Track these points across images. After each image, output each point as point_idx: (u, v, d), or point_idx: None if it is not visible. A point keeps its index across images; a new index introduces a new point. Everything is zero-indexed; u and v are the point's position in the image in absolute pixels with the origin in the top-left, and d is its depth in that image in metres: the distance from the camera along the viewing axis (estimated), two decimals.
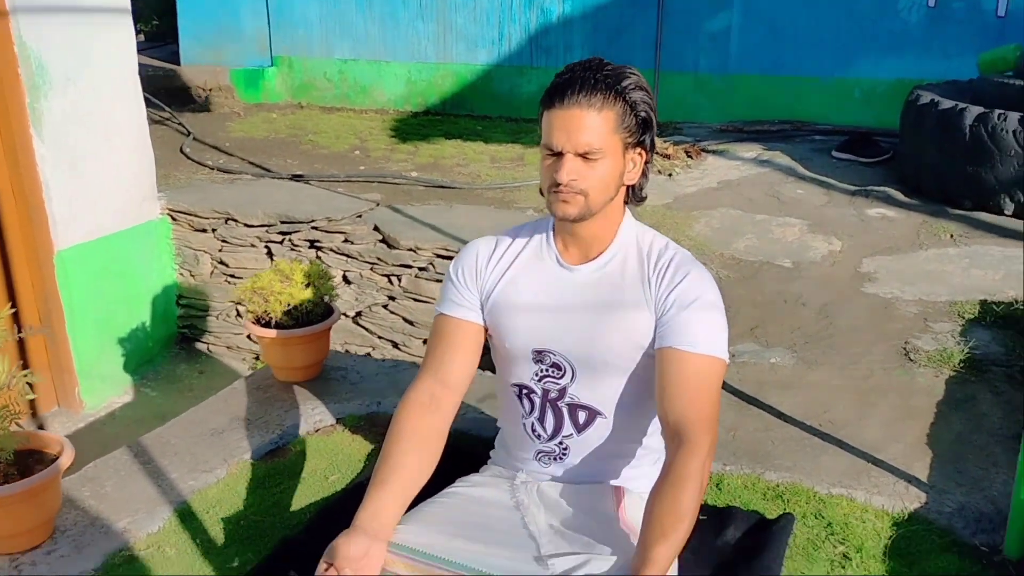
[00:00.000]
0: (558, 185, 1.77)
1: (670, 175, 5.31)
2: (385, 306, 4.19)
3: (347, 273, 4.30)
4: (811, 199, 4.86)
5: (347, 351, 4.14)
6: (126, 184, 4.28)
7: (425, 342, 4.13)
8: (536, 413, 1.95)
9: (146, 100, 6.18)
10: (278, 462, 2.53)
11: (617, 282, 1.87)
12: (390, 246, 4.18)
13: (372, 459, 2.52)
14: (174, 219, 4.59)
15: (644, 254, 1.89)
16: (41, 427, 3.96)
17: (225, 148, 6.22)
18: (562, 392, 1.91)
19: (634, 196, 1.92)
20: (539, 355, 1.90)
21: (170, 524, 2.25)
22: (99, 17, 4.03)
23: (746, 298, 3.63)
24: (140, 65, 4.23)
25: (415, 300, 4.12)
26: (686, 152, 5.61)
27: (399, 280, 4.15)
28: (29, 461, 2.19)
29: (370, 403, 2.82)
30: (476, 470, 2.11)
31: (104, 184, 4.13)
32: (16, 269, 3.88)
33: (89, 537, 2.18)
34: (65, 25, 3.87)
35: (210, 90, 7.92)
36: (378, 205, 4.68)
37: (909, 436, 2.58)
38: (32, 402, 4.01)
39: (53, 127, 3.85)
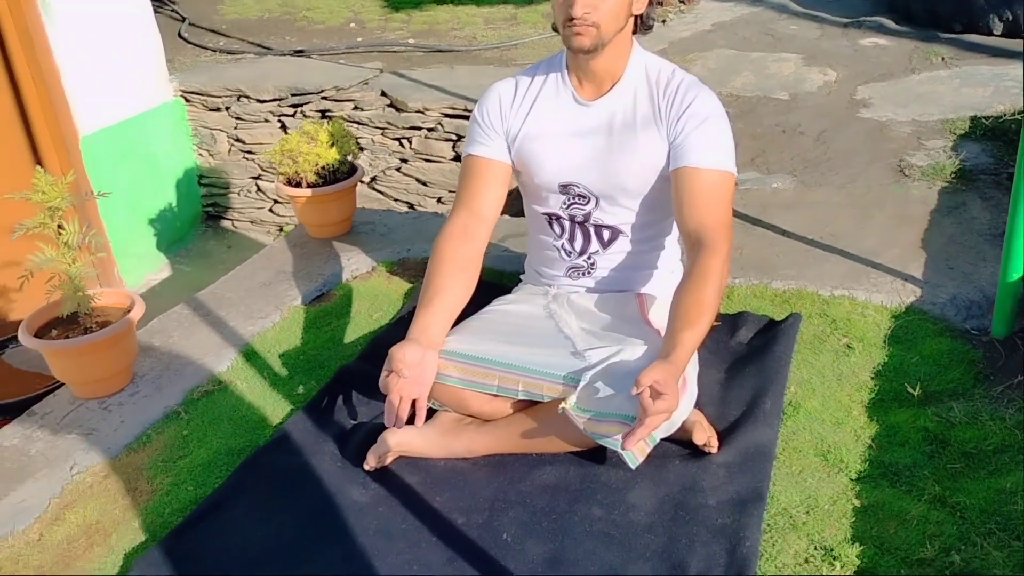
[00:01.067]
0: (572, 19, 1.92)
1: (664, 21, 5.37)
2: (398, 169, 4.35)
3: (359, 140, 4.44)
4: (805, 33, 4.94)
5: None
6: (138, 68, 4.38)
7: (440, 200, 4.31)
8: (566, 235, 2.16)
9: None
10: (325, 306, 2.76)
11: (630, 112, 2.04)
12: (398, 110, 4.30)
13: (410, 296, 2.74)
14: (187, 100, 4.70)
15: (653, 83, 2.05)
16: None
17: (222, 30, 6.24)
18: (587, 216, 2.11)
19: (642, 25, 2.06)
20: (564, 187, 2.09)
21: (237, 363, 2.48)
22: None
23: (746, 131, 3.79)
24: None
25: (426, 160, 4.28)
26: None
27: (410, 143, 4.30)
28: (103, 316, 2.41)
29: (400, 250, 3.02)
30: (508, 292, 2.34)
31: (117, 69, 4.23)
32: (45, 156, 4.04)
33: (166, 379, 2.42)
34: None
35: None
36: (382, 72, 4.78)
37: (904, 241, 2.78)
38: None
39: (63, 15, 3.93)
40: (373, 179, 4.47)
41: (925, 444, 1.92)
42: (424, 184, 4.32)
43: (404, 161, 4.35)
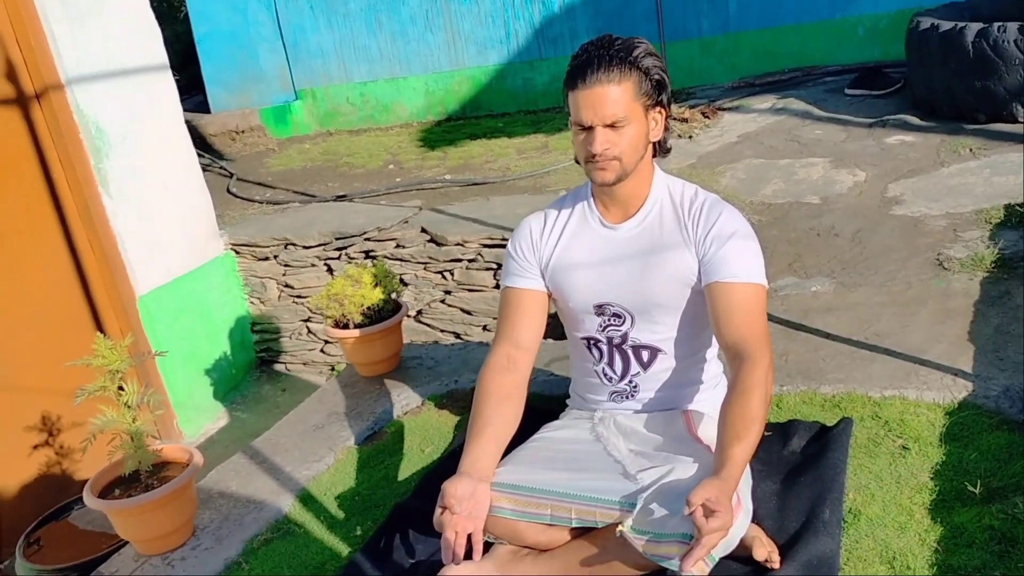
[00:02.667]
0: (594, 156, 2.01)
1: (690, 137, 5.51)
2: (443, 301, 4.45)
3: (403, 276, 4.57)
4: (830, 137, 5.03)
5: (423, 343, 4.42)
6: (189, 226, 4.59)
7: (485, 328, 4.38)
8: (605, 359, 2.19)
9: None
10: (377, 444, 2.80)
11: (657, 232, 2.10)
12: (439, 244, 4.44)
13: (460, 428, 2.77)
14: (237, 252, 4.89)
15: (678, 203, 2.12)
16: None
17: (268, 182, 6.53)
18: (624, 337, 2.15)
19: (660, 149, 2.15)
20: (599, 308, 2.14)
21: (294, 509, 2.51)
22: (142, 76, 4.34)
23: (780, 237, 3.83)
24: None
25: (469, 291, 4.38)
26: (702, 113, 5.80)
27: (452, 275, 4.41)
28: (165, 471, 2.48)
29: (448, 382, 3.07)
30: (555, 418, 2.36)
31: (170, 229, 4.45)
32: (104, 318, 4.21)
33: (226, 530, 2.46)
34: (114, 87, 4.19)
35: (242, 132, 8.26)
36: (421, 209, 4.95)
37: (951, 335, 2.76)
38: None
39: (118, 183, 4.17)
40: (419, 312, 4.57)
41: (993, 543, 1.87)
42: (468, 313, 4.41)
43: (448, 293, 4.46)
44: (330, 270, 4.75)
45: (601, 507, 1.88)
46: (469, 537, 1.90)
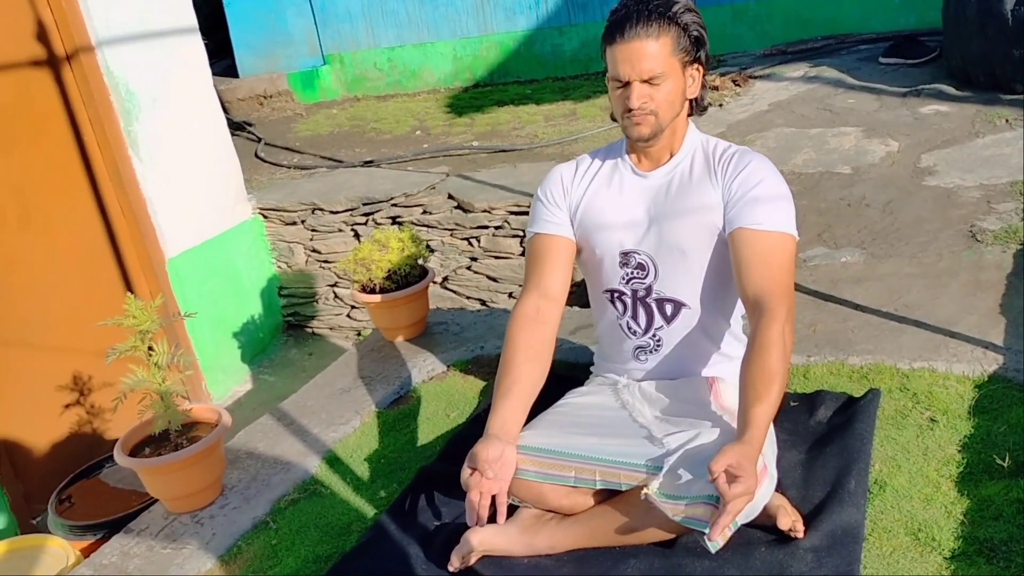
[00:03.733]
0: (631, 110, 2.00)
1: (720, 105, 5.44)
2: (469, 267, 4.46)
3: (429, 242, 4.57)
4: (863, 106, 4.95)
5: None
6: (218, 190, 4.62)
7: (510, 295, 4.38)
8: (629, 312, 2.17)
9: None
10: (403, 408, 2.82)
11: (686, 178, 2.09)
12: (465, 211, 4.43)
13: (485, 394, 2.78)
14: (265, 216, 4.92)
15: (709, 152, 2.10)
16: None
17: (296, 147, 6.53)
18: (648, 289, 2.13)
19: (697, 107, 2.13)
20: (625, 257, 2.12)
21: (320, 470, 2.54)
22: (172, 39, 4.34)
23: (810, 207, 3.79)
24: None
25: (495, 258, 4.38)
26: (733, 81, 5.73)
27: (478, 241, 4.41)
28: (194, 431, 2.51)
29: (474, 348, 3.08)
30: (581, 384, 2.36)
31: (198, 193, 4.47)
32: (134, 279, 4.25)
33: (254, 490, 2.49)
34: (144, 50, 4.19)
35: (270, 96, 8.26)
36: (448, 176, 4.94)
37: (982, 307, 2.72)
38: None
39: (148, 147, 4.19)
40: (445, 279, 4.58)
41: (1020, 516, 1.86)
42: (495, 280, 4.41)
43: (474, 260, 4.46)
44: (357, 235, 4.76)
45: (625, 470, 1.88)
46: (493, 500, 1.92)
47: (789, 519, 1.89)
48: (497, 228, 4.36)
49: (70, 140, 3.99)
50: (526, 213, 4.24)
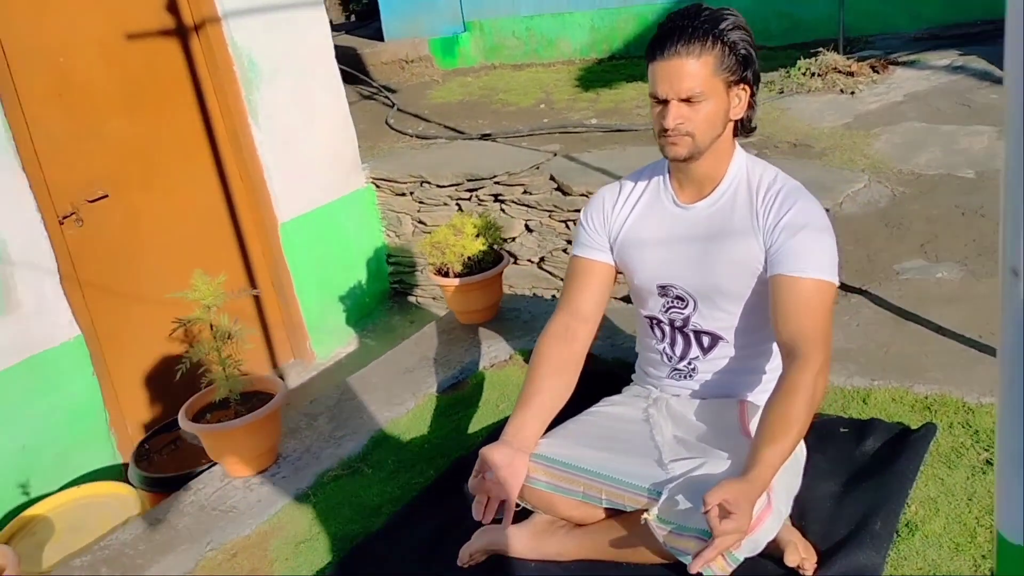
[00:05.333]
0: (666, 130, 1.95)
1: (852, 93, 5.16)
2: (564, 250, 4.45)
3: (528, 222, 4.60)
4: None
5: (534, 294, 4.46)
6: (332, 159, 4.79)
7: None
8: (667, 340, 2.15)
9: (356, 77, 6.77)
10: (457, 394, 2.88)
11: (728, 215, 2.02)
12: (565, 193, 4.42)
13: None
14: (377, 186, 5.07)
15: (754, 187, 2.02)
16: (281, 376, 4.58)
17: (424, 115, 6.67)
18: (686, 321, 2.10)
19: (743, 129, 2.05)
20: (663, 289, 2.09)
21: (367, 448, 2.64)
22: (295, 11, 4.51)
23: (919, 213, 3.57)
24: (348, 46, 4.57)
25: None
26: (871, 67, 5.41)
27: (574, 224, 4.39)
28: (254, 400, 2.66)
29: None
30: (619, 389, 2.34)
31: (313, 161, 4.65)
32: (249, 242, 4.49)
33: (304, 462, 2.62)
34: (267, 22, 4.37)
35: (411, 61, 8.45)
36: (555, 155, 4.93)
37: None
38: (272, 354, 4.64)
39: (266, 115, 4.39)
40: (542, 259, 4.60)
41: None
42: None
43: (569, 243, 4.45)
44: (460, 210, 4.83)
45: (630, 492, 1.88)
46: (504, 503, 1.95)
47: (798, 556, 1.84)
48: None
49: (194, 107, 4.22)
50: None
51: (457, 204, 4.85)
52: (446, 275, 3.18)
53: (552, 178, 4.54)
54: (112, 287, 3.87)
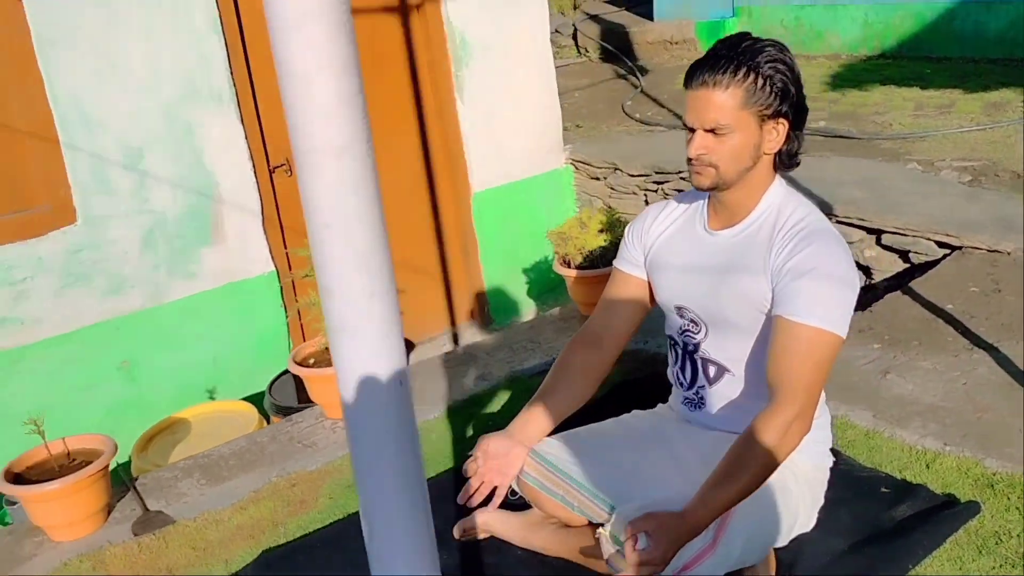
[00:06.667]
0: (691, 159, 1.95)
1: None
2: None
3: None
4: None
5: None
6: (532, 138, 5.00)
7: None
8: (679, 363, 2.16)
9: (612, 55, 6.88)
10: (537, 380, 3.00)
11: (746, 248, 1.99)
12: None
13: (610, 389, 2.85)
14: (576, 168, 5.22)
15: (779, 224, 1.96)
16: (455, 336, 4.92)
17: (662, 101, 6.67)
18: (696, 347, 2.10)
19: (783, 163, 1.99)
20: (680, 310, 2.11)
21: (440, 416, 2.86)
22: None
23: None
24: (618, 22, 4.49)
25: None
26: None
27: None
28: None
29: (638, 341, 3.12)
30: (659, 393, 2.35)
31: (513, 138, 4.89)
32: (442, 208, 4.83)
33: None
34: (484, 2, 4.64)
35: (676, 43, 8.42)
36: None
37: None
38: (452, 313, 4.99)
39: (471, 91, 4.68)
40: None
41: None
42: None
43: None
44: (647, 202, 4.86)
45: (597, 505, 1.96)
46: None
47: None
48: None
49: (405, 79, 4.60)
50: None
51: (644, 195, 4.88)
52: (568, 265, 3.30)
53: None
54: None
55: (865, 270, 3.84)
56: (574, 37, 9.47)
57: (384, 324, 0.88)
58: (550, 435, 2.15)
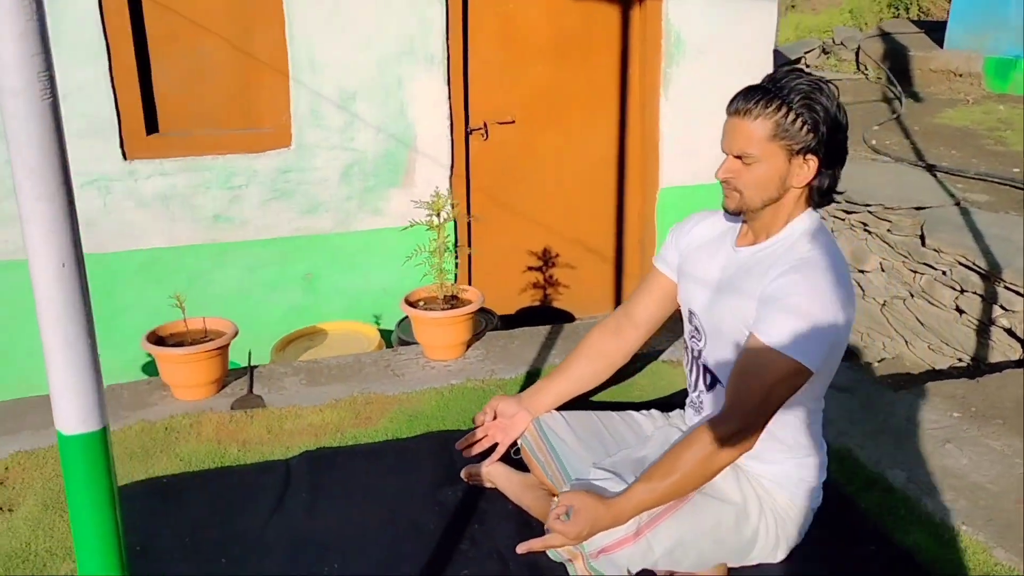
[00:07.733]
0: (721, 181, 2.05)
1: None
2: (904, 300, 4.15)
3: (883, 261, 4.35)
4: None
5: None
6: None
7: (929, 347, 4.03)
8: (688, 367, 2.27)
9: (889, 77, 6.62)
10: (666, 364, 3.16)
11: (754, 269, 2.05)
12: (922, 243, 4.09)
13: (672, 394, 2.95)
14: None
15: (787, 252, 2.00)
16: None
17: (911, 133, 6.32)
18: (699, 353, 2.19)
19: (815, 198, 2.02)
20: (690, 316, 2.21)
21: (516, 380, 3.10)
22: (741, 2, 4.74)
23: None
24: (902, 44, 4.29)
25: (928, 302, 4.00)
26: None
27: (920, 278, 4.06)
28: (455, 302, 3.28)
29: None
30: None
31: (709, 142, 4.84)
32: (628, 197, 4.99)
33: (491, 363, 3.20)
34: (704, 5, 4.70)
35: (959, 75, 7.86)
36: (958, 204, 4.49)
37: None
38: (618, 296, 5.15)
39: (677, 89, 4.77)
40: (884, 303, 4.34)
41: None
42: (922, 324, 4.05)
43: (911, 295, 4.13)
44: (831, 229, 4.72)
45: (564, 480, 2.15)
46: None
47: None
48: (942, 272, 3.95)
49: (614, 69, 4.78)
50: (971, 268, 3.77)
51: (831, 220, 4.74)
52: None
53: (920, 225, 4.21)
54: (492, 192, 4.71)
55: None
56: (856, 52, 9.10)
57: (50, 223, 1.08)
58: (560, 409, 2.34)
